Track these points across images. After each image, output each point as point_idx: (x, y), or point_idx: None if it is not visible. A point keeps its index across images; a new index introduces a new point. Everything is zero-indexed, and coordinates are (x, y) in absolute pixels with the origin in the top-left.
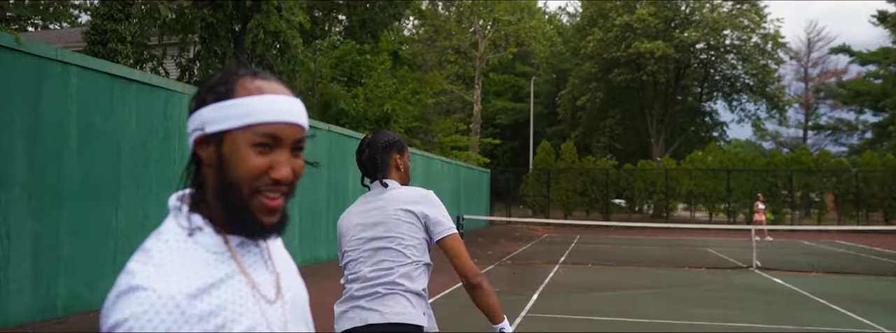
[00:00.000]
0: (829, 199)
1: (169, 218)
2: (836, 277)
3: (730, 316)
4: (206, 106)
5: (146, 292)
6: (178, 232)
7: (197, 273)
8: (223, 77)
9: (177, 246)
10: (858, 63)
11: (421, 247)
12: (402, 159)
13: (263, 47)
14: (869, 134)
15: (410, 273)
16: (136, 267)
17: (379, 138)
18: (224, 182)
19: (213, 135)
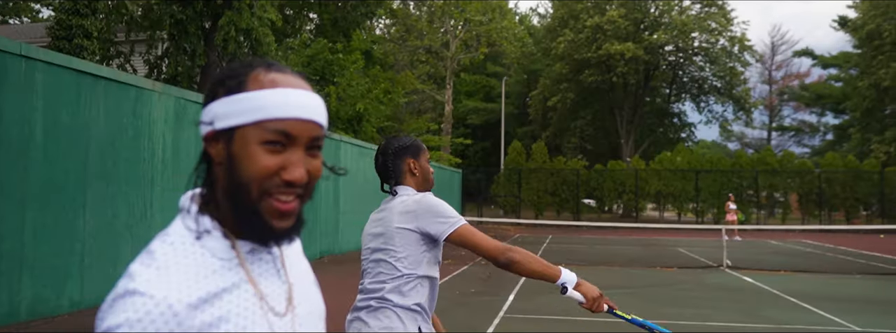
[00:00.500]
0: (793, 199)
1: (177, 218)
2: (804, 275)
3: (704, 316)
4: (217, 100)
5: (142, 298)
6: (184, 234)
7: (201, 280)
8: (235, 69)
9: (182, 249)
10: (820, 66)
11: (414, 260)
12: (417, 163)
13: (235, 45)
14: (830, 135)
15: (400, 288)
16: (136, 270)
17: (390, 144)
18: (233, 182)
19: (222, 132)
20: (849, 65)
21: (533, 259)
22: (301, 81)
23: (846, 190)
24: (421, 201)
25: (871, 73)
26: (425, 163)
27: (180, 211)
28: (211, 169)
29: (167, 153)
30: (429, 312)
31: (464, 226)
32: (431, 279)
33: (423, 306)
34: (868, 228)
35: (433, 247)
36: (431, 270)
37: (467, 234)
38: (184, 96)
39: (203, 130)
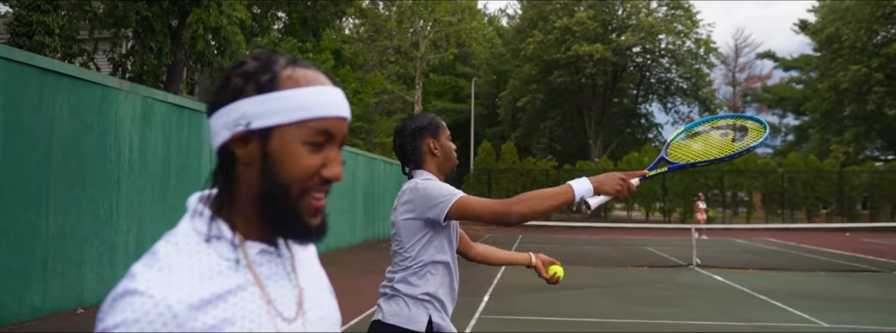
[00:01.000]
0: (757, 198)
1: (184, 219)
2: (771, 273)
3: (677, 314)
4: (247, 97)
5: (142, 298)
6: (191, 234)
7: (205, 281)
8: (262, 64)
9: (187, 250)
10: (782, 69)
11: (421, 247)
12: (437, 142)
13: (203, 43)
14: (791, 136)
15: (408, 278)
16: (138, 270)
17: (407, 125)
18: (270, 182)
19: (256, 131)
20: (809, 67)
21: (537, 199)
22: (325, 77)
23: (807, 189)
24: (416, 188)
25: (831, 76)
26: (446, 141)
27: (189, 212)
28: (228, 170)
29: (134, 153)
30: (443, 299)
31: (458, 201)
32: (444, 263)
33: (435, 294)
34: (831, 226)
35: (440, 230)
36: (441, 254)
37: (465, 208)
38: (151, 95)
39: (232, 129)
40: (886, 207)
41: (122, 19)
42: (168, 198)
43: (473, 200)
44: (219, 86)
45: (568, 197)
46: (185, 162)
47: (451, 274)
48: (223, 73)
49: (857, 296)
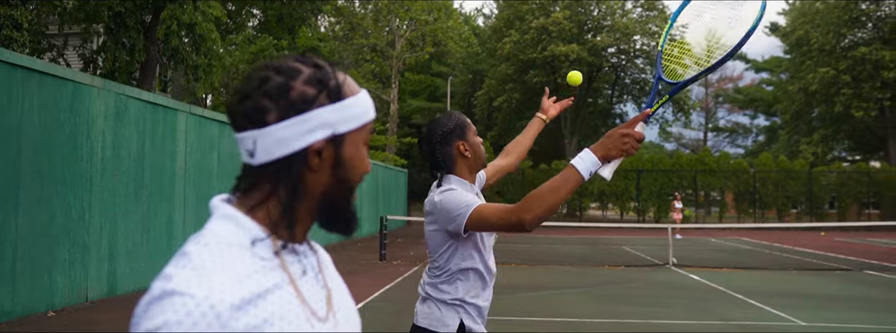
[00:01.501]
0: (729, 198)
1: (213, 221)
2: (745, 272)
3: (657, 314)
4: (322, 106)
5: (183, 298)
6: (221, 235)
7: (242, 281)
8: (324, 71)
9: (219, 250)
10: (753, 70)
11: (448, 256)
12: (466, 144)
13: (177, 40)
14: (761, 137)
15: (438, 284)
16: (173, 271)
17: (434, 131)
18: (342, 183)
19: (334, 137)
20: (780, 69)
21: (545, 196)
22: None
23: (778, 188)
24: (438, 203)
25: (800, 78)
26: (474, 139)
27: (218, 214)
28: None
29: (107, 152)
30: (475, 303)
31: (472, 214)
32: (474, 270)
33: (464, 299)
34: (804, 226)
35: (465, 240)
36: (468, 262)
37: (480, 220)
38: (124, 92)
39: (313, 138)
40: (853, 207)
41: (93, 14)
42: (142, 198)
43: (487, 211)
44: (274, 95)
45: (576, 181)
46: (160, 161)
47: (484, 277)
48: (267, 82)
49: (829, 294)
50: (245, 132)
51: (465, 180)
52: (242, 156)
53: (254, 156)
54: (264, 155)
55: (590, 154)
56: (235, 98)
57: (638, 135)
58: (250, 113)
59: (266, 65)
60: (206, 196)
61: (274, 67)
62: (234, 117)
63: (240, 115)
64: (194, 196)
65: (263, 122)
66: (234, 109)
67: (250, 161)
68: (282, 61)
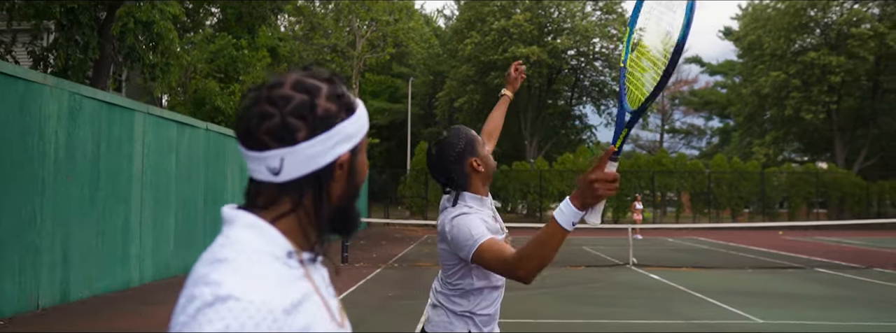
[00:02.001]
0: (685, 198)
1: (236, 228)
2: (703, 271)
3: (620, 314)
4: (343, 120)
5: (240, 303)
6: (253, 244)
7: (285, 287)
8: (338, 86)
9: (256, 258)
10: (708, 73)
11: (461, 274)
12: (478, 159)
13: (133, 38)
14: (715, 138)
15: (451, 297)
16: (219, 277)
17: (447, 150)
18: (354, 188)
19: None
20: (733, 73)
21: (534, 253)
22: None
23: (732, 189)
24: (452, 227)
25: (753, 81)
26: (483, 151)
27: (239, 222)
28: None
29: (60, 153)
30: (486, 313)
31: (478, 250)
32: (488, 287)
33: (476, 311)
34: (759, 226)
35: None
36: (482, 281)
37: (482, 259)
38: (79, 91)
39: (340, 151)
40: (802, 206)
41: (44, 10)
42: (97, 201)
43: (488, 254)
44: (303, 114)
45: (562, 234)
46: (116, 163)
47: (496, 289)
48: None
49: (784, 292)
50: (270, 151)
51: (478, 195)
52: (258, 173)
53: (280, 173)
54: (293, 172)
55: (569, 205)
56: (254, 117)
57: (608, 176)
58: (278, 132)
59: (278, 83)
60: (165, 199)
61: (293, 85)
62: (253, 137)
63: (263, 135)
64: (152, 198)
65: (293, 141)
66: (253, 129)
67: (273, 179)
68: (296, 77)
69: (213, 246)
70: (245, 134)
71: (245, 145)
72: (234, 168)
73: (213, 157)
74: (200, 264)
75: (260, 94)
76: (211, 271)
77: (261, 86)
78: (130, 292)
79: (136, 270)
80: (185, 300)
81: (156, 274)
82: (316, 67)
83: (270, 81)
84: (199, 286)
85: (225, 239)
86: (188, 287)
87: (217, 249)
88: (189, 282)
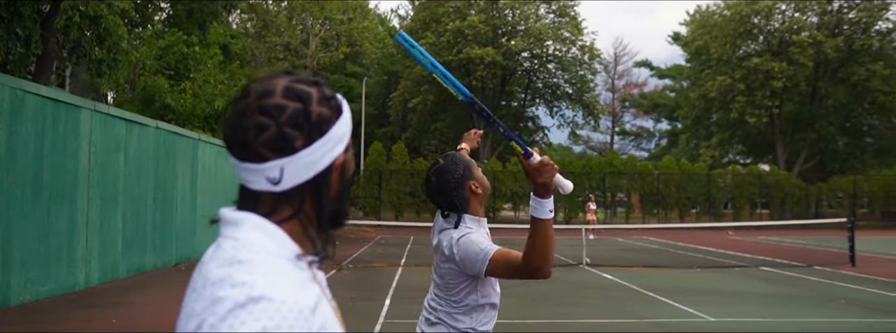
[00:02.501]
0: (635, 199)
1: (245, 230)
2: (655, 271)
3: (576, 313)
4: (335, 123)
5: (274, 303)
6: (265, 246)
7: (305, 287)
8: (325, 88)
9: (271, 260)
10: (657, 77)
11: (466, 291)
12: (476, 182)
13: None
14: (664, 140)
15: (454, 314)
16: (247, 278)
17: (447, 178)
18: (346, 184)
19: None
20: (681, 77)
21: (533, 250)
22: None
23: (680, 190)
24: (457, 246)
25: (700, 85)
26: (479, 173)
27: (246, 225)
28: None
29: (1, 150)
30: (486, 330)
31: (491, 261)
32: (491, 304)
33: (477, 328)
34: (708, 226)
35: (484, 278)
36: (487, 298)
37: (496, 269)
38: (21, 87)
39: (338, 152)
40: (746, 207)
41: None
42: (41, 200)
43: (501, 262)
44: (299, 123)
45: (547, 225)
46: (61, 161)
47: (496, 306)
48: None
49: (732, 291)
50: (268, 162)
51: (477, 217)
52: (255, 184)
53: (279, 183)
54: (293, 180)
55: (535, 200)
56: (250, 129)
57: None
58: (276, 143)
59: (267, 91)
60: (112, 198)
61: (284, 93)
62: (249, 149)
63: (261, 147)
64: (99, 198)
65: (293, 150)
66: (248, 141)
67: (273, 188)
68: (285, 84)
69: (220, 248)
70: (240, 147)
71: (240, 158)
72: (184, 167)
73: (162, 156)
74: (213, 265)
75: (249, 104)
76: (233, 272)
77: (248, 95)
78: (75, 296)
79: (82, 273)
80: (207, 302)
81: (103, 276)
82: (299, 70)
83: (258, 89)
84: (225, 287)
85: (235, 241)
86: (207, 289)
87: (230, 251)
88: (206, 284)
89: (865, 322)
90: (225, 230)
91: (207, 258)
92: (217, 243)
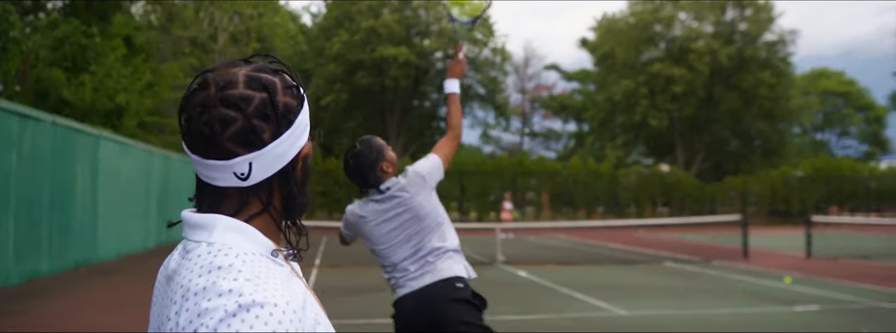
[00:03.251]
0: (545, 198)
1: (218, 232)
2: (567, 268)
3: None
4: (299, 111)
5: (265, 308)
6: (241, 246)
7: (290, 286)
8: (288, 76)
9: (251, 260)
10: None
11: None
12: (387, 162)
13: None
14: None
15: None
16: (233, 285)
17: (363, 162)
18: (308, 173)
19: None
20: (589, 80)
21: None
22: None
23: (588, 190)
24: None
25: (606, 89)
26: (391, 154)
27: (219, 226)
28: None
29: None
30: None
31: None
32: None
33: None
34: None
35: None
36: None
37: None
38: None
39: (303, 142)
40: (648, 206)
41: None
42: None
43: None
44: (267, 114)
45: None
46: None
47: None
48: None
49: (640, 285)
50: (236, 158)
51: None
52: (221, 181)
53: (248, 177)
54: (262, 174)
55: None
56: (214, 123)
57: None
58: (243, 137)
59: (229, 82)
60: (3, 198)
61: (247, 82)
62: (214, 144)
63: (227, 142)
64: None
65: (262, 143)
66: (213, 136)
67: (241, 184)
68: (246, 73)
69: (191, 254)
70: (204, 142)
71: (203, 154)
72: (84, 165)
73: (60, 154)
74: (191, 274)
75: (210, 96)
76: (216, 280)
77: (206, 86)
78: None
79: None
80: (192, 314)
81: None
82: (257, 58)
83: (217, 80)
84: (211, 297)
85: (209, 245)
86: (190, 300)
87: (206, 256)
88: (187, 294)
89: (759, 310)
90: (192, 234)
91: (176, 265)
92: (184, 248)
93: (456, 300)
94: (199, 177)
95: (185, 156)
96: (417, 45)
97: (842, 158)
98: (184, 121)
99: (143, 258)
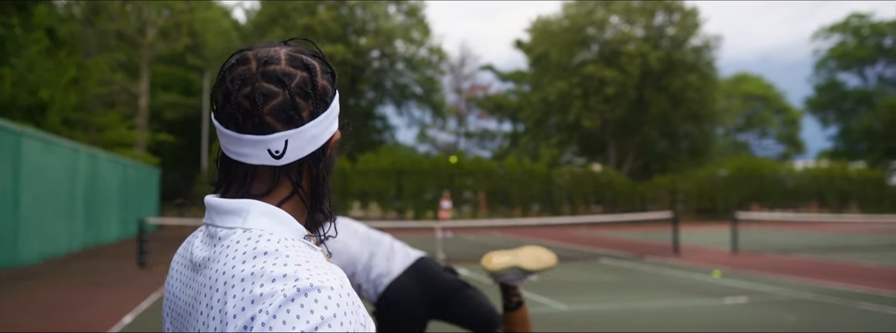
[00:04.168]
0: (481, 197)
1: (252, 219)
2: None
3: None
4: (334, 96)
5: (323, 292)
6: (278, 231)
7: (334, 270)
8: (326, 61)
9: (293, 245)
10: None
11: None
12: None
13: None
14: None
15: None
16: (288, 270)
17: None
18: (333, 163)
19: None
20: (524, 81)
21: None
22: None
23: (523, 189)
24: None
25: (541, 89)
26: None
27: (254, 211)
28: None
29: None
30: None
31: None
32: None
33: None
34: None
35: None
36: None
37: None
38: None
39: (336, 125)
40: (582, 204)
41: None
42: None
43: None
44: (308, 93)
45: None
46: None
47: None
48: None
49: (578, 281)
50: (273, 134)
51: None
52: (253, 158)
53: (282, 156)
54: (295, 154)
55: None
56: (256, 96)
57: None
58: (284, 112)
59: (272, 58)
60: None
61: (289, 61)
62: (253, 118)
63: (267, 115)
64: None
65: (300, 121)
66: (253, 109)
67: (274, 163)
68: (288, 52)
69: (232, 240)
70: (242, 115)
71: (240, 129)
72: (4, 164)
73: None
74: (235, 260)
75: (251, 70)
76: (264, 265)
77: (247, 61)
78: None
79: None
80: (244, 301)
81: None
82: (295, 42)
83: (260, 56)
84: (264, 282)
85: (247, 231)
86: (237, 286)
87: (247, 243)
88: (233, 281)
89: (691, 303)
90: (221, 220)
91: (207, 253)
92: (208, 235)
93: (444, 269)
94: (225, 158)
95: (113, 154)
96: (354, 44)
97: (762, 158)
98: (220, 96)
99: (68, 261)
